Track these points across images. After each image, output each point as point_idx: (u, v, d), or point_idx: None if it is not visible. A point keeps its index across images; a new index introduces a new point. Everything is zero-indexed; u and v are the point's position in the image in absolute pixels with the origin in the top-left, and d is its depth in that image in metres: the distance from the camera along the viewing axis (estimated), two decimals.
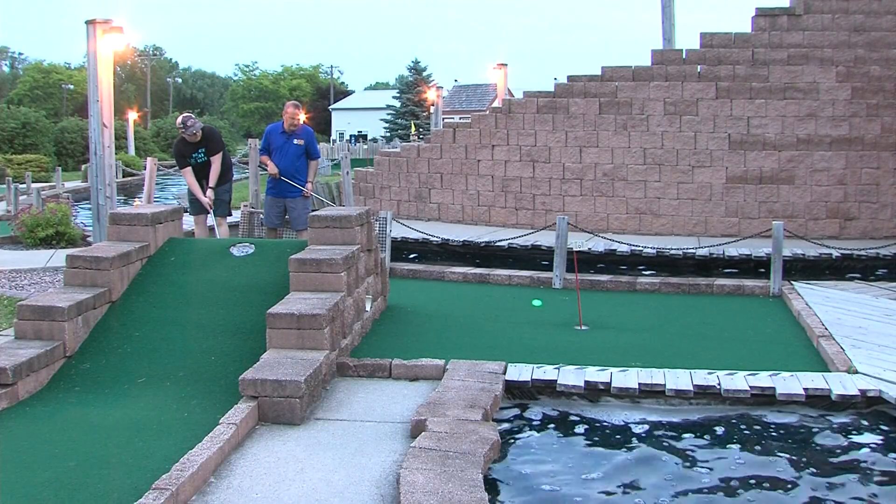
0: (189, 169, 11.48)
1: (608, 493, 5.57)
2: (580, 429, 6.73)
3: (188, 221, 14.90)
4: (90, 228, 14.98)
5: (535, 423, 6.85)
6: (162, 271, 8.61)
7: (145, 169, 20.44)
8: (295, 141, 11.51)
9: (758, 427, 6.73)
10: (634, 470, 5.94)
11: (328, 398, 6.80)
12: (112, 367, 7.20)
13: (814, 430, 6.70)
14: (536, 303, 7.99)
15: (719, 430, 6.68)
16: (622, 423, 6.80)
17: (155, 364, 7.20)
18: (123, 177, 34.34)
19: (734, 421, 6.83)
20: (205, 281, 8.48)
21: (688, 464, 6.04)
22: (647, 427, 6.73)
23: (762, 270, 12.94)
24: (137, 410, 6.33)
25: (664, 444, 6.41)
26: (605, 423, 6.81)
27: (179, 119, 11.63)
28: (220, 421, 5.81)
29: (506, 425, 6.72)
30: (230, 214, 11.93)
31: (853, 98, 16.51)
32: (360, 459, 5.52)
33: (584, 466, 5.99)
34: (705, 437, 6.56)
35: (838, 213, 16.38)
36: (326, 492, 5.01)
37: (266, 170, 11.64)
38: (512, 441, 6.42)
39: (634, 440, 6.49)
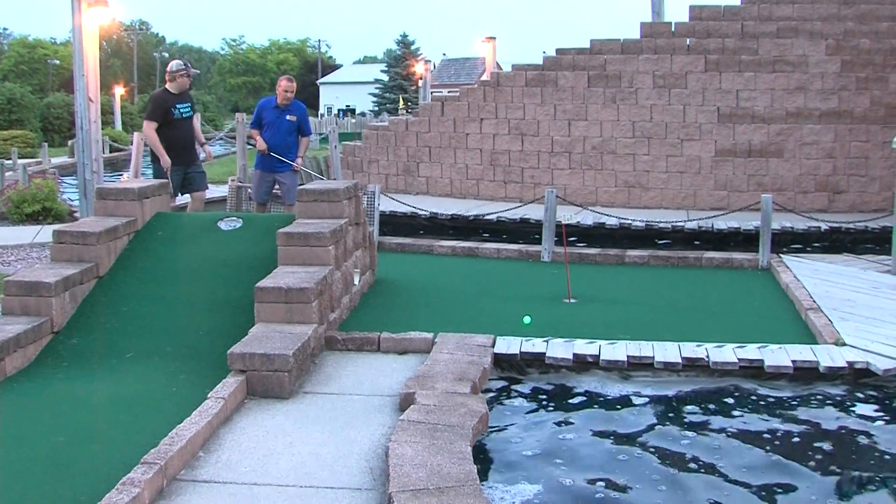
0: (155, 125, 10.76)
1: (597, 465, 5.59)
2: (569, 401, 6.74)
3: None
4: (77, 204, 14.90)
5: (523, 395, 6.87)
6: (149, 246, 8.57)
7: (132, 144, 20.37)
8: (287, 117, 11.34)
9: (749, 399, 6.76)
10: (623, 441, 5.97)
11: (317, 372, 6.80)
12: (100, 343, 7.17)
13: (802, 401, 6.73)
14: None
15: (709, 401, 6.71)
16: (611, 396, 6.82)
17: (143, 339, 7.17)
18: (110, 152, 34.17)
19: (729, 393, 6.85)
20: (192, 255, 8.44)
21: (680, 435, 6.07)
22: (636, 398, 6.75)
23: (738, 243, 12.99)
24: (125, 386, 6.31)
25: (654, 415, 6.44)
26: (594, 396, 6.83)
27: (177, 61, 11.23)
28: (209, 395, 5.79)
29: (494, 398, 6.74)
30: (207, 188, 11.67)
31: (842, 71, 16.51)
32: (349, 433, 5.52)
33: (573, 439, 6.01)
34: (696, 407, 6.59)
35: (827, 187, 16.42)
36: (315, 465, 5.02)
37: (254, 145, 11.49)
38: (500, 414, 6.43)
39: (623, 412, 6.51)
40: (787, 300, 9.48)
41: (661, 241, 14.15)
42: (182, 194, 11.27)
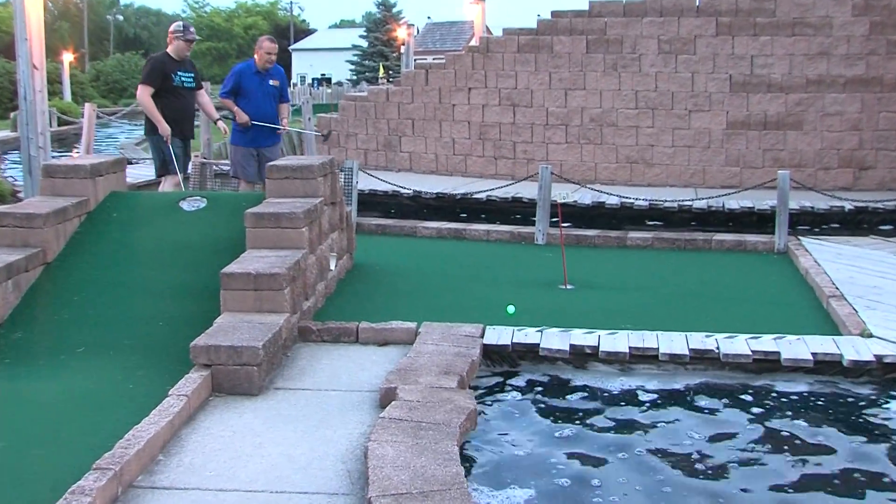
0: (150, 90, 10.41)
1: (594, 467, 5.62)
2: (565, 397, 6.77)
3: (132, 175, 14.73)
4: (21, 183, 14.83)
5: (515, 390, 6.90)
6: (103, 229, 8.54)
7: (83, 116, 20.28)
8: (270, 82, 11.14)
9: (764, 395, 6.78)
10: (624, 441, 5.99)
11: (289, 366, 6.80)
12: (48, 336, 7.14)
13: (824, 399, 6.74)
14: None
15: (720, 397, 6.75)
16: (611, 391, 6.85)
17: (96, 331, 7.15)
18: (59, 125, 34.00)
19: (741, 389, 6.89)
20: (152, 239, 8.43)
21: (686, 435, 6.11)
22: (638, 394, 6.78)
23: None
24: (77, 383, 6.29)
25: (658, 412, 6.47)
26: (592, 391, 6.85)
27: (177, 23, 10.88)
28: (170, 392, 5.79)
29: (484, 393, 6.76)
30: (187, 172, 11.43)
31: (871, 34, 16.42)
32: (325, 432, 5.53)
33: (568, 438, 6.04)
34: (705, 404, 6.62)
35: (852, 162, 16.42)
36: (287, 468, 5.03)
37: (233, 117, 11.11)
38: (490, 410, 6.46)
39: (624, 409, 6.54)
40: (806, 287, 9.52)
41: (666, 222, 14.17)
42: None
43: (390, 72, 57.88)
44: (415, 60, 32.24)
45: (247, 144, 11.11)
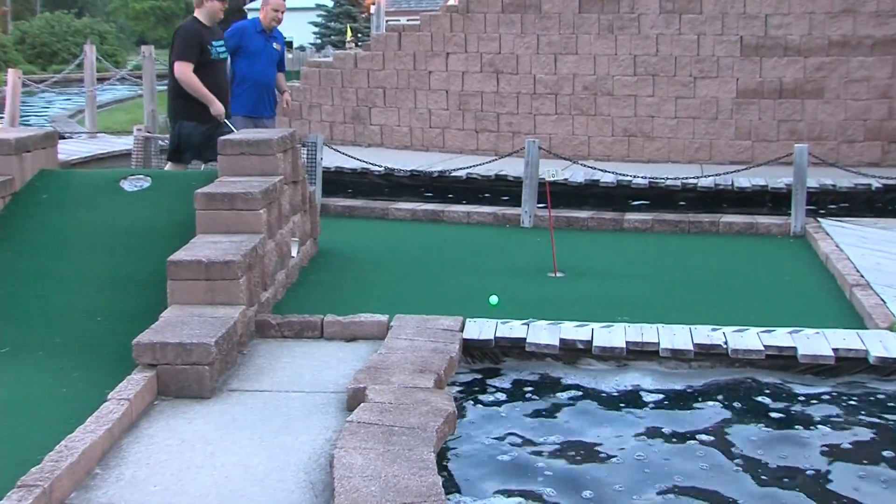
0: (191, 66, 9.81)
1: (587, 473, 5.64)
2: (554, 397, 6.80)
3: (66, 151, 14.62)
4: None
5: (499, 390, 6.91)
6: (31, 212, 8.50)
7: (6, 84, 20.17)
8: (274, 45, 11.12)
9: (778, 396, 6.81)
10: (620, 445, 6.02)
11: (245, 365, 6.81)
12: None
13: (847, 401, 6.76)
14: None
15: (728, 398, 6.78)
16: (606, 391, 6.88)
17: (23, 329, 7.13)
18: None
19: (752, 388, 6.92)
20: (88, 223, 8.38)
21: (690, 438, 6.13)
22: (636, 394, 6.81)
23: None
24: (1, 388, 6.27)
25: (658, 414, 6.50)
26: (584, 391, 6.88)
27: None
28: (109, 396, 5.77)
29: (464, 393, 6.79)
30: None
31: None
32: (285, 439, 5.54)
33: (558, 442, 6.06)
34: (711, 406, 6.66)
35: (881, 134, 16.36)
36: (243, 480, 5.03)
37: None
38: (471, 412, 6.49)
39: (620, 410, 6.57)
40: (826, 274, 9.55)
41: (668, 202, 14.21)
42: (199, 162, 10.39)
43: (359, 35, 57.80)
44: (386, 22, 32.10)
45: (248, 113, 10.91)
